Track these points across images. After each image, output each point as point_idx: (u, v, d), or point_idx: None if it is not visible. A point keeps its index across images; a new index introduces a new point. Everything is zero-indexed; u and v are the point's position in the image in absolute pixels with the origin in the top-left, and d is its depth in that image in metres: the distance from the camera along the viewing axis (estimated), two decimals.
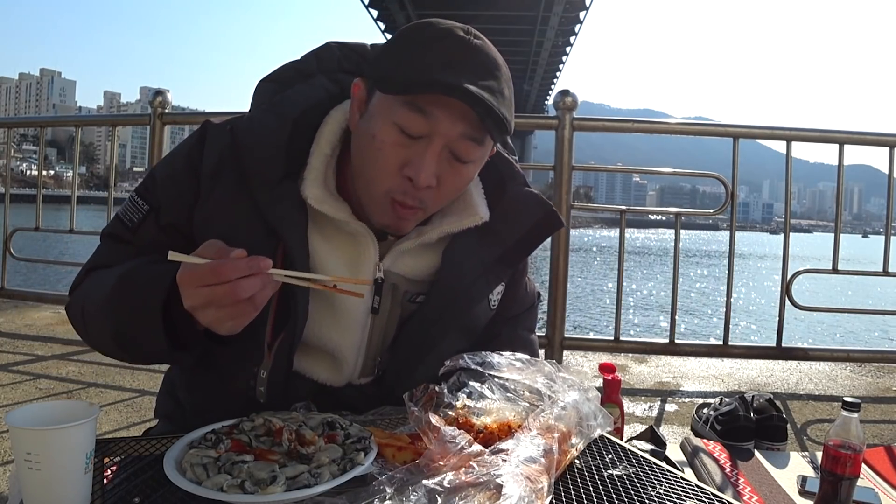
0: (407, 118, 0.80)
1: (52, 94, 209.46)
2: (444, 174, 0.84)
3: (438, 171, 0.83)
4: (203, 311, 0.74)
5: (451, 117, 0.80)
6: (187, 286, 0.73)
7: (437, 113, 0.80)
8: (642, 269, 22.93)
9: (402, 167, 0.83)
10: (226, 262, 0.71)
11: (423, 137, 0.81)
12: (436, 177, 0.83)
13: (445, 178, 0.85)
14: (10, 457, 1.91)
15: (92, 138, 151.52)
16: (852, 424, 1.13)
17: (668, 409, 2.52)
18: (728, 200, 3.04)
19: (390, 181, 0.84)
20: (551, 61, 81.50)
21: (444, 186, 0.85)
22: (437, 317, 0.94)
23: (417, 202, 0.85)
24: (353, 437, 0.76)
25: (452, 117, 0.80)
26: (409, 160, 0.82)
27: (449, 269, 0.94)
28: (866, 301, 8.74)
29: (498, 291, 1.01)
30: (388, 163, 0.83)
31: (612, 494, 0.74)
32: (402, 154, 0.82)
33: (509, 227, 0.97)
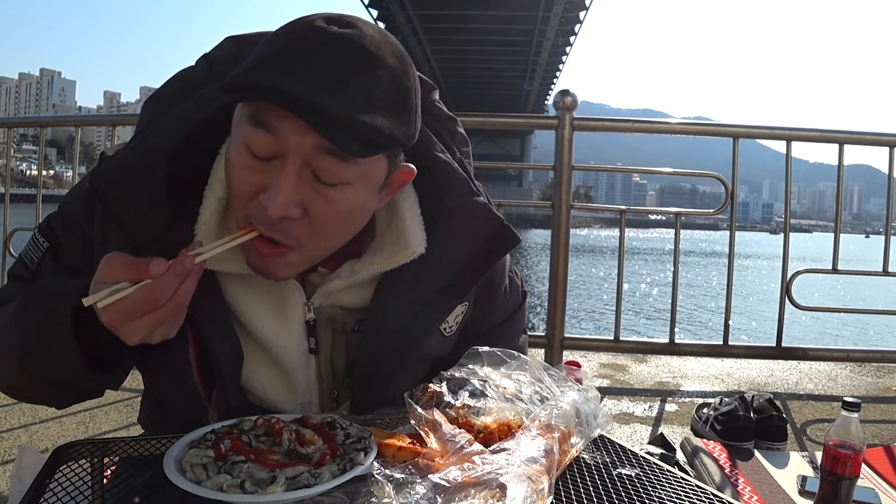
0: (252, 136, 0.66)
1: (52, 94, 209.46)
2: (310, 202, 0.68)
3: (302, 198, 0.68)
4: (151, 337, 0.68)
5: (297, 129, 0.64)
6: (121, 326, 0.66)
7: (280, 126, 0.65)
8: (643, 269, 22.96)
9: (256, 194, 0.69)
10: (151, 289, 0.64)
11: (277, 158, 0.67)
12: (299, 205, 0.68)
13: (313, 206, 0.69)
14: (10, 457, 1.91)
15: (92, 138, 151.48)
16: (852, 424, 1.14)
17: (668, 409, 2.52)
18: (728, 200, 3.04)
19: (246, 207, 0.70)
20: (551, 61, 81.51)
21: (315, 217, 0.69)
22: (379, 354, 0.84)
23: (282, 236, 0.70)
24: (353, 437, 0.76)
25: (299, 129, 0.64)
26: (263, 186, 0.68)
27: (381, 308, 0.81)
28: (866, 301, 8.74)
29: (455, 317, 0.87)
30: (242, 189, 0.69)
31: (612, 494, 0.74)
32: (256, 179, 0.68)
33: (452, 250, 0.81)
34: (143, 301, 0.64)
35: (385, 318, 0.82)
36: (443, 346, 0.89)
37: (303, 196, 0.68)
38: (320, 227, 0.71)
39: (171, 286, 0.64)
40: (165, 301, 0.64)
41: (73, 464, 0.76)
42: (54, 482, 0.72)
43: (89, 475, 0.75)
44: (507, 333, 1.00)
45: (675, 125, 3.38)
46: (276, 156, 0.67)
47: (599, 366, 3.12)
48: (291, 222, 0.69)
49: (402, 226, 0.80)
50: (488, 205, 0.84)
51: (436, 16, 67.63)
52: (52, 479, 0.72)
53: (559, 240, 3.00)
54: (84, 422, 2.20)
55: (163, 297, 0.64)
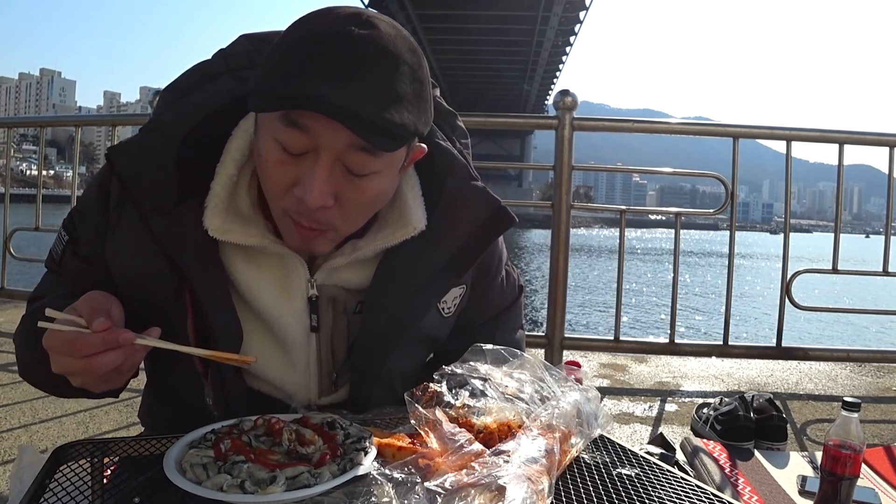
0: (285, 135, 0.70)
1: (52, 94, 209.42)
2: (342, 191, 0.73)
3: (334, 189, 0.73)
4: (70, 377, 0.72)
5: (331, 128, 0.68)
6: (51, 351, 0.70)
7: (314, 126, 0.69)
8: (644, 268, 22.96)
9: (290, 186, 0.73)
10: (79, 339, 0.68)
11: (309, 153, 0.71)
12: (332, 195, 0.73)
13: (345, 195, 0.74)
14: (10, 456, 1.91)
15: (92, 138, 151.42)
16: (852, 424, 1.14)
17: (668, 409, 2.52)
18: (728, 200, 3.04)
19: (285, 201, 0.75)
20: (551, 61, 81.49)
21: (346, 205, 0.75)
22: (380, 332, 0.85)
23: (317, 224, 0.75)
24: (352, 437, 0.76)
25: (333, 128, 0.68)
26: (298, 179, 0.72)
27: (383, 285, 0.84)
28: (866, 301, 8.73)
29: (453, 298, 0.89)
30: (277, 183, 0.74)
31: (612, 494, 0.74)
32: (290, 173, 0.72)
33: (452, 230, 0.85)
34: (67, 343, 0.68)
35: (386, 293, 0.84)
36: (441, 326, 0.91)
37: (336, 187, 0.72)
38: (352, 213, 0.76)
39: (94, 346, 0.67)
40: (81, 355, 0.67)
41: (73, 464, 0.76)
42: (54, 482, 0.72)
43: (89, 475, 0.75)
44: (505, 325, 1.03)
45: (675, 125, 3.38)
46: (308, 151, 0.71)
47: (599, 366, 3.12)
48: (325, 210, 0.73)
49: (403, 205, 0.84)
50: (486, 188, 0.87)
51: (436, 16, 67.65)
52: (52, 479, 0.72)
53: (559, 240, 3.00)
54: (84, 422, 2.20)
55: (81, 350, 0.67)
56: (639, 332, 10.89)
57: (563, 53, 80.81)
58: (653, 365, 3.15)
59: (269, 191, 0.76)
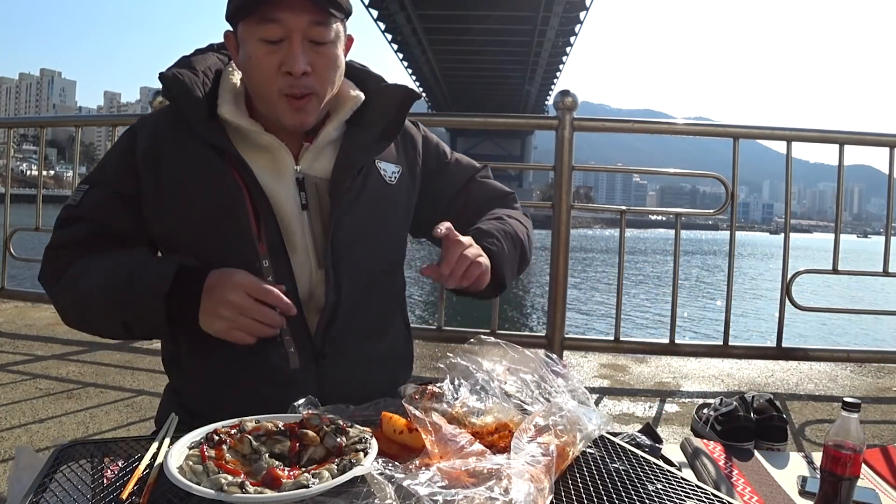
0: (265, 30, 0.99)
1: (52, 94, 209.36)
2: (313, 60, 1.02)
3: (308, 59, 1.01)
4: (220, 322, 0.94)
5: (295, 14, 0.99)
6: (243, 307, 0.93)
7: (283, 16, 0.98)
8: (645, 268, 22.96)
9: (279, 67, 1.00)
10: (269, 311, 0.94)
11: (284, 41, 1.00)
12: (308, 64, 1.01)
13: (316, 62, 1.02)
14: (10, 456, 1.91)
15: (92, 138, 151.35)
16: (852, 425, 1.13)
17: (668, 410, 2.52)
18: (728, 201, 3.04)
19: (276, 82, 1.01)
20: (551, 61, 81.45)
21: (318, 69, 1.03)
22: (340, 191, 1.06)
23: (304, 88, 1.02)
24: (353, 437, 0.76)
25: (296, 13, 0.99)
26: (282, 60, 1.00)
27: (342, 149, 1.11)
28: (866, 301, 8.72)
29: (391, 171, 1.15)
30: (268, 69, 1.01)
31: (612, 494, 0.74)
32: (275, 59, 1.00)
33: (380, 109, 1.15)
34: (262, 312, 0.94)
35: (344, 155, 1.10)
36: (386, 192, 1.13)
37: (309, 58, 1.01)
38: (322, 76, 1.03)
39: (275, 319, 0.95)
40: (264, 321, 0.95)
41: (72, 464, 0.76)
42: (54, 482, 0.72)
43: (89, 475, 0.75)
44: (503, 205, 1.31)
45: (676, 125, 3.38)
46: (282, 39, 0.99)
47: (599, 366, 3.12)
48: (306, 77, 1.01)
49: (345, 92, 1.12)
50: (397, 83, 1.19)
51: (436, 16, 67.60)
52: (52, 479, 0.72)
53: (559, 240, 3.00)
54: (84, 422, 2.20)
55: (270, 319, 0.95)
56: (642, 331, 10.90)
57: (563, 54, 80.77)
58: (653, 365, 3.15)
59: (261, 80, 1.02)
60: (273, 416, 0.82)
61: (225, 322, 0.93)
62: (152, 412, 2.28)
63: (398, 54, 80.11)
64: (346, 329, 1.06)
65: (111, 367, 2.79)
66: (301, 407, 0.85)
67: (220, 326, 0.93)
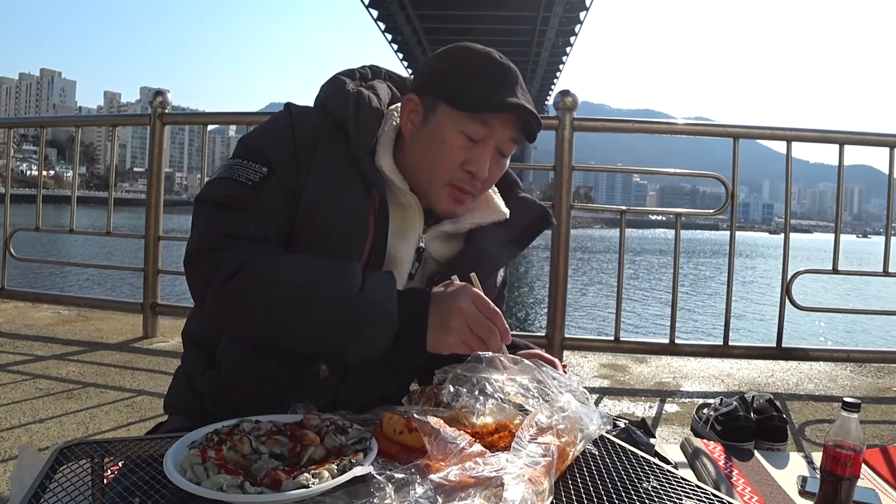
0: (473, 128, 1.01)
1: (53, 95, 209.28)
2: (491, 167, 1.05)
3: (489, 165, 1.04)
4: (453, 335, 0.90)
5: (504, 126, 1.02)
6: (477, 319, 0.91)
7: (495, 123, 1.02)
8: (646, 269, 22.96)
9: (463, 164, 1.03)
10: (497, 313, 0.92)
11: (481, 142, 1.02)
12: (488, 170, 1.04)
13: (492, 169, 1.06)
14: (10, 456, 1.91)
15: (92, 138, 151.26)
16: (852, 425, 1.14)
17: (668, 410, 2.52)
18: (728, 201, 3.04)
19: (453, 175, 1.03)
20: (551, 61, 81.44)
21: (492, 177, 1.07)
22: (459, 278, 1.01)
23: (472, 188, 1.05)
24: (353, 437, 0.76)
25: (505, 126, 1.03)
26: (471, 159, 1.02)
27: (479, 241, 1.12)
28: (866, 301, 8.73)
29: (501, 274, 1.19)
30: (454, 161, 1.02)
31: (612, 494, 0.74)
32: (466, 154, 1.02)
33: (518, 219, 1.16)
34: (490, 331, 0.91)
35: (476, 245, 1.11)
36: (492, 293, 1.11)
37: (490, 164, 1.04)
38: (490, 182, 1.08)
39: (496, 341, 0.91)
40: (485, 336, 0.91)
41: (73, 464, 0.76)
42: (54, 482, 0.72)
43: (89, 475, 0.75)
44: None
45: (676, 125, 3.38)
46: (482, 140, 1.02)
47: (599, 366, 3.12)
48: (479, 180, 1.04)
49: (491, 199, 1.15)
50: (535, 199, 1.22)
51: (436, 16, 67.57)
52: (52, 479, 0.72)
53: (559, 240, 3.00)
54: (84, 422, 2.20)
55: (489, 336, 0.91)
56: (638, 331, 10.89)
57: (563, 54, 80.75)
58: (653, 365, 3.15)
59: (441, 166, 1.03)
60: (273, 416, 0.82)
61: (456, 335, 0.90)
62: (152, 412, 2.29)
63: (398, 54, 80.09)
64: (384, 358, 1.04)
65: (111, 367, 2.79)
66: (300, 408, 0.85)
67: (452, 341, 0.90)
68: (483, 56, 1.05)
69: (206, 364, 1.06)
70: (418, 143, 1.05)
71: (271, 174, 0.97)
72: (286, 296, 0.90)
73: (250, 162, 0.98)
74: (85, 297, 4.17)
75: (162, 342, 3.23)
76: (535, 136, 1.06)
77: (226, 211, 0.96)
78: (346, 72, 1.13)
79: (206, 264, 0.93)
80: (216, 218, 0.96)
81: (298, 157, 0.99)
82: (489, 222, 1.12)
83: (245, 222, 0.95)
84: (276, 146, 0.99)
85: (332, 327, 0.90)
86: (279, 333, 0.93)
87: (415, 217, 1.07)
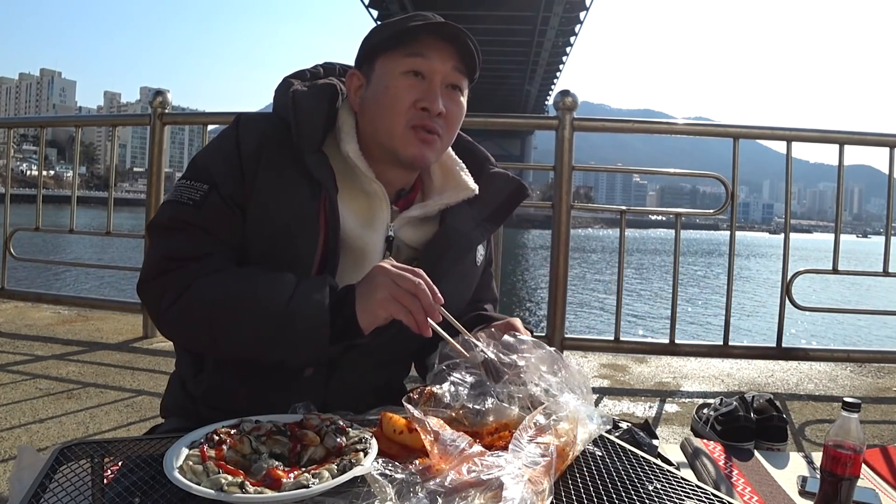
0: (411, 62, 1.02)
1: (53, 95, 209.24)
2: (447, 104, 1.04)
3: (444, 101, 1.03)
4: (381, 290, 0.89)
5: (441, 56, 1.02)
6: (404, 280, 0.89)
7: (431, 53, 1.02)
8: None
9: (415, 102, 1.02)
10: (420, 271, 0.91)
11: (426, 78, 1.02)
12: (444, 105, 1.03)
13: (448, 107, 1.04)
14: (10, 456, 1.91)
15: (92, 138, 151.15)
16: (852, 425, 1.13)
17: (668, 410, 2.52)
18: (728, 201, 3.04)
19: (409, 116, 1.02)
20: (551, 61, 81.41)
21: (449, 115, 1.05)
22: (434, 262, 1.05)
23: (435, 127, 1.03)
24: (353, 437, 0.76)
25: (443, 56, 1.02)
26: (421, 96, 1.02)
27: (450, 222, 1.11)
28: (866, 301, 8.72)
29: (481, 252, 1.18)
30: (405, 102, 1.02)
31: (612, 494, 0.74)
32: (414, 92, 1.02)
33: (491, 195, 1.16)
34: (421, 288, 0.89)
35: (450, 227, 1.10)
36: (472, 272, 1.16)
37: (444, 101, 1.03)
38: (451, 123, 1.06)
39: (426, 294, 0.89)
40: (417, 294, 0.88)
41: (73, 464, 0.76)
42: (54, 482, 0.72)
43: (89, 475, 0.75)
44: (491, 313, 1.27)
45: (676, 125, 3.38)
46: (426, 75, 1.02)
47: (599, 366, 3.12)
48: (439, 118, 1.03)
49: (458, 177, 1.14)
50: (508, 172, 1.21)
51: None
52: (52, 479, 0.72)
53: (559, 240, 3.00)
54: (84, 422, 2.20)
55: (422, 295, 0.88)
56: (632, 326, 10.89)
57: (563, 54, 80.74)
58: (653, 365, 3.15)
59: (395, 111, 1.02)
60: (273, 416, 0.82)
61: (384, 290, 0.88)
62: (152, 412, 2.29)
63: None
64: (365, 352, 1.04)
65: (111, 367, 2.79)
66: (300, 408, 0.85)
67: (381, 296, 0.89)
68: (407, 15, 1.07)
69: (197, 367, 1.08)
70: (369, 106, 1.05)
71: (212, 190, 1.00)
72: (223, 314, 0.93)
73: (193, 181, 1.01)
74: (85, 297, 4.17)
75: (162, 342, 3.23)
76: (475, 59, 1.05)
77: (170, 234, 1.00)
78: (297, 73, 1.14)
79: (154, 292, 0.98)
80: (160, 243, 1.01)
81: (244, 166, 1.01)
82: (459, 201, 1.11)
83: (188, 242, 0.98)
84: (219, 161, 1.02)
85: (267, 340, 0.93)
86: (226, 349, 0.98)
87: (381, 205, 1.06)
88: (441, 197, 1.11)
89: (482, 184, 1.15)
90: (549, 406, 0.80)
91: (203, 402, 1.06)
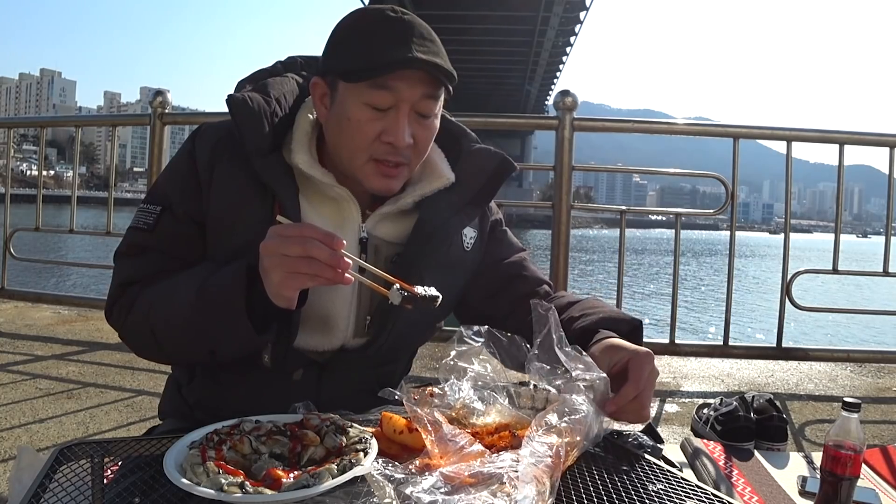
0: (375, 96, 0.94)
1: (53, 95, 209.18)
2: (415, 132, 0.98)
3: (412, 131, 0.97)
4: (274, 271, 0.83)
5: (410, 85, 0.94)
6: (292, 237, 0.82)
7: (397, 85, 0.93)
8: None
9: (379, 136, 0.96)
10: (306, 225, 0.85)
11: (392, 108, 0.95)
12: (411, 136, 0.97)
13: (418, 134, 0.98)
14: (10, 456, 1.91)
15: (92, 138, 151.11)
16: (852, 425, 1.13)
17: (668, 409, 2.52)
18: (728, 201, 3.04)
19: (372, 149, 0.96)
20: (551, 61, 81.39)
21: (418, 142, 0.99)
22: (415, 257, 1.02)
23: (401, 159, 0.98)
24: (353, 437, 0.76)
25: (411, 84, 0.94)
26: (385, 129, 0.95)
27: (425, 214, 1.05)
28: (866, 301, 8.71)
29: (470, 237, 1.11)
30: (367, 136, 0.96)
31: (613, 494, 0.74)
32: (378, 126, 0.95)
33: (472, 177, 1.10)
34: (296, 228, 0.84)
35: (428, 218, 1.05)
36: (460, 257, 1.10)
37: (413, 129, 0.97)
38: (420, 148, 1.00)
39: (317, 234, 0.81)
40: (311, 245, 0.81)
41: (73, 464, 0.76)
42: (54, 482, 0.72)
43: (89, 475, 0.75)
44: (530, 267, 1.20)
45: (676, 125, 3.39)
46: (391, 106, 0.94)
47: None
48: (406, 148, 0.97)
49: (433, 164, 1.08)
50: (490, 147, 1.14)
51: (435, 16, 67.51)
52: (52, 479, 0.72)
53: (559, 240, 3.01)
54: (84, 422, 2.20)
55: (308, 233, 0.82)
56: None
57: (563, 54, 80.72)
58: None
59: (355, 144, 0.96)
60: (273, 416, 0.82)
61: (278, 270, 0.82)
62: (152, 412, 2.29)
63: None
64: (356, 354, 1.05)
65: (111, 367, 2.79)
66: (300, 408, 0.85)
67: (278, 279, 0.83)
68: (369, 17, 0.97)
69: (189, 375, 1.08)
70: (331, 127, 0.99)
71: (164, 211, 1.00)
72: (157, 318, 0.94)
73: (148, 205, 1.02)
74: (85, 297, 4.17)
75: None
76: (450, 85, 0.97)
77: (128, 260, 1.02)
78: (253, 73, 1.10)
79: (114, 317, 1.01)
80: (118, 271, 1.02)
81: (200, 178, 1.00)
82: (434, 191, 1.06)
83: (143, 265, 1.00)
84: (175, 178, 1.02)
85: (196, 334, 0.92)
86: (173, 353, 0.99)
87: (349, 208, 1.01)
88: (415, 188, 1.06)
89: (463, 165, 1.10)
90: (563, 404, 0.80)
91: (198, 408, 1.06)
